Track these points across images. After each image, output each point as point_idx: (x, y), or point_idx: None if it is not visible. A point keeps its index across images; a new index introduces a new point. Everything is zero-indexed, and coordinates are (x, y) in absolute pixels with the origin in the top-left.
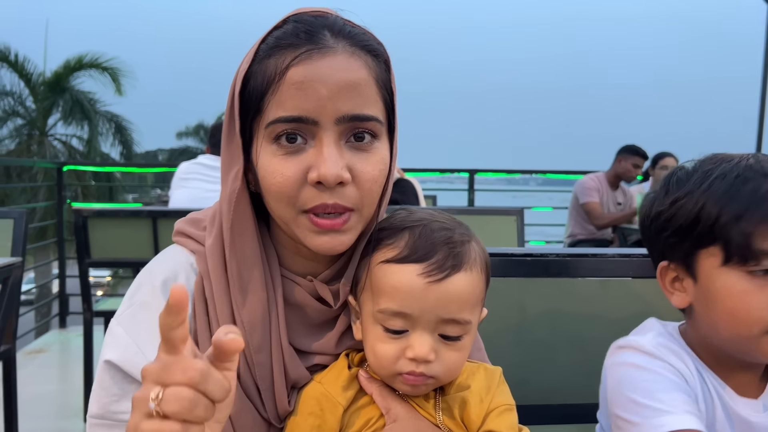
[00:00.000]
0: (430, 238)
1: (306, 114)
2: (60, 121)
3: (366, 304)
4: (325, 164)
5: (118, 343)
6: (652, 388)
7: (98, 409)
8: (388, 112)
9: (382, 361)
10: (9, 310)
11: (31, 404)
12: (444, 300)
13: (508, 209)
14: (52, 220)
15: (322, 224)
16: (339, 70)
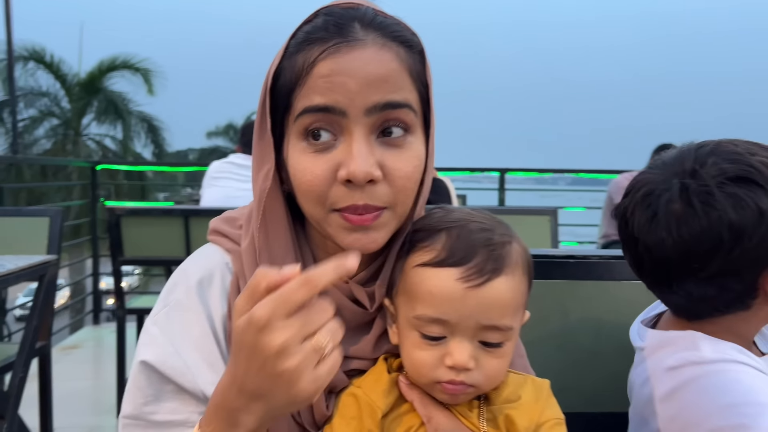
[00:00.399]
0: (468, 239)
1: (334, 103)
2: (94, 121)
3: (402, 308)
4: (355, 161)
5: (155, 343)
6: (744, 388)
7: (132, 410)
8: (423, 105)
9: (420, 368)
10: (45, 307)
11: (65, 400)
12: (484, 306)
13: (542, 209)
14: (86, 218)
15: (353, 220)
16: (368, 62)
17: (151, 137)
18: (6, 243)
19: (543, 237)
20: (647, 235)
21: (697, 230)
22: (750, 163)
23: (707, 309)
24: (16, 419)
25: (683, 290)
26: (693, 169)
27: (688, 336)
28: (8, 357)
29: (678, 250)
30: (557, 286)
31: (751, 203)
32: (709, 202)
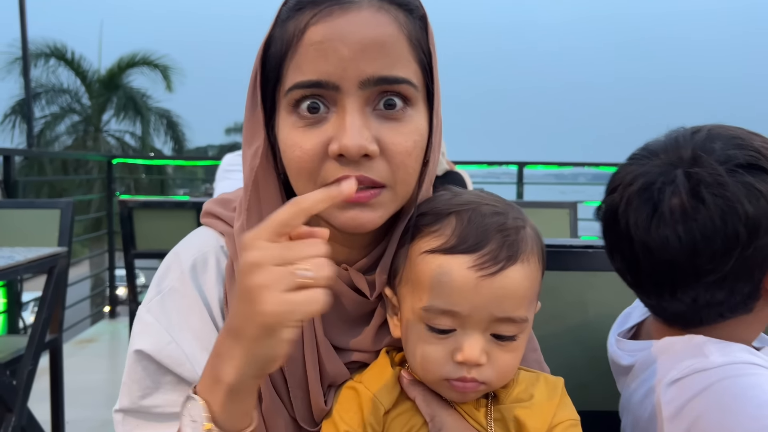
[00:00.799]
0: (481, 224)
1: (326, 77)
2: (114, 117)
3: (406, 298)
4: (347, 134)
5: (150, 331)
6: (764, 392)
7: (129, 403)
8: (426, 75)
9: (427, 364)
10: (54, 300)
11: (80, 393)
12: (499, 296)
13: (561, 203)
14: (103, 212)
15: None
16: (363, 26)
17: (170, 134)
18: (18, 235)
19: (562, 231)
20: (647, 235)
21: (710, 226)
22: (756, 147)
23: (711, 315)
24: (25, 412)
25: (688, 296)
26: (695, 156)
27: (689, 341)
28: (19, 350)
29: (686, 251)
30: (575, 278)
31: (765, 192)
32: (722, 193)
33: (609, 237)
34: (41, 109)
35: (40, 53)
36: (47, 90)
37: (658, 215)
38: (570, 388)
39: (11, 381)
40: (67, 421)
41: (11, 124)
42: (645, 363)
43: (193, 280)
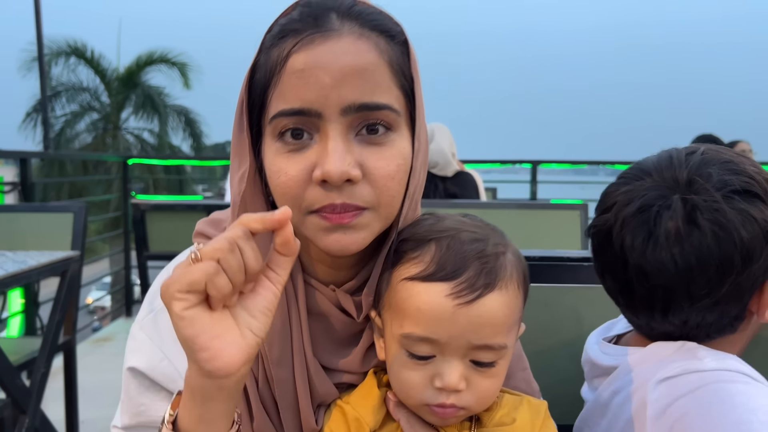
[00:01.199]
0: (459, 251)
1: (308, 105)
2: (132, 115)
3: (388, 324)
4: (330, 160)
5: (142, 349)
6: (752, 403)
7: (128, 420)
8: (408, 99)
9: (407, 389)
10: (67, 302)
11: (95, 392)
12: (476, 324)
13: (571, 204)
14: (118, 212)
15: (331, 218)
16: (343, 54)
17: (188, 130)
18: (32, 238)
19: (573, 233)
20: (642, 258)
21: (705, 251)
22: (749, 173)
23: (699, 336)
24: (38, 414)
25: (678, 319)
26: (690, 180)
27: (681, 345)
28: (34, 351)
29: (681, 275)
30: (570, 291)
31: (759, 219)
32: (717, 220)
33: (601, 257)
34: (62, 107)
35: (61, 52)
36: (67, 88)
37: (654, 239)
38: (565, 402)
39: (24, 384)
40: (82, 421)
41: (33, 123)
42: (631, 364)
43: None
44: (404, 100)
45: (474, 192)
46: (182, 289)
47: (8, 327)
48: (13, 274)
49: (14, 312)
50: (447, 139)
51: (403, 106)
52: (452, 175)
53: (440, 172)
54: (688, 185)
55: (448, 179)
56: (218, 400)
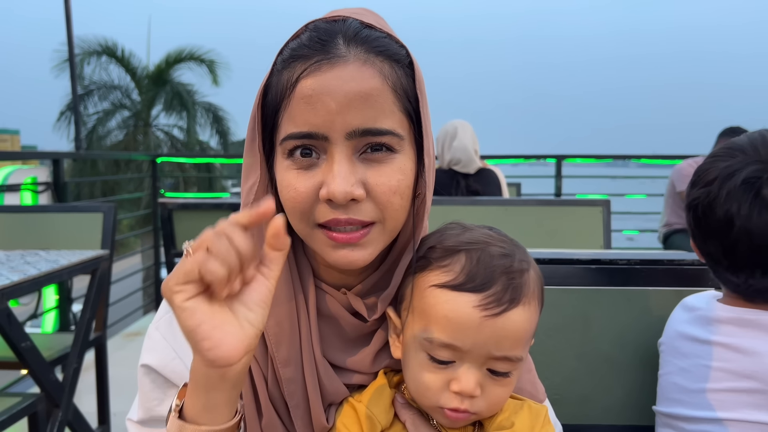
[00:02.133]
0: (488, 265)
1: (315, 129)
2: (162, 112)
3: (411, 326)
4: (335, 182)
5: (156, 347)
6: None
7: (143, 414)
8: (412, 120)
9: (425, 391)
10: (98, 300)
11: (126, 385)
12: (499, 336)
13: (594, 199)
14: (149, 209)
15: (338, 238)
16: (348, 80)
17: (216, 127)
18: (63, 237)
19: (595, 229)
20: (749, 222)
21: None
22: None
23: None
24: (71, 408)
25: (760, 270)
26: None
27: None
28: (66, 347)
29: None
30: (578, 293)
31: None
32: None
33: (704, 225)
34: (94, 105)
35: (93, 51)
36: (99, 87)
37: (759, 203)
38: (571, 402)
39: (58, 378)
40: (113, 413)
41: (67, 121)
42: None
43: None
44: (407, 122)
45: (496, 189)
46: (179, 281)
47: (43, 323)
48: (47, 273)
49: (48, 308)
50: (470, 136)
51: (406, 128)
52: (475, 172)
53: (463, 169)
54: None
55: (471, 176)
56: (221, 389)
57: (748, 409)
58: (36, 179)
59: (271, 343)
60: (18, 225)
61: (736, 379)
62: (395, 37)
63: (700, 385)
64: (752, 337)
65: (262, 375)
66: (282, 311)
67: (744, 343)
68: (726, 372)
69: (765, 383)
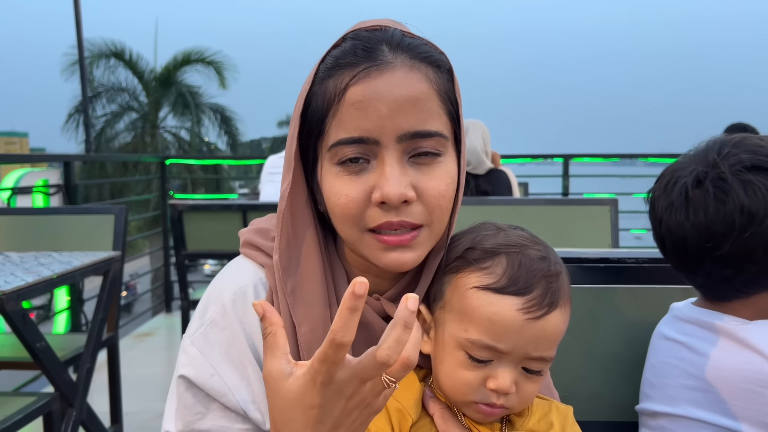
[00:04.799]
0: (530, 268)
1: (367, 134)
2: (170, 114)
3: (448, 324)
4: (388, 184)
5: (194, 363)
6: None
7: (183, 427)
8: (453, 123)
9: (461, 387)
10: (110, 301)
11: (138, 385)
12: (538, 338)
13: (601, 199)
14: (159, 211)
15: (389, 241)
16: (398, 86)
17: (224, 128)
18: (76, 239)
19: (603, 228)
20: (669, 218)
21: (712, 213)
22: (766, 153)
23: (729, 290)
24: (84, 407)
25: (703, 270)
26: (714, 159)
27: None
28: (79, 347)
29: (694, 232)
30: (587, 291)
31: (763, 189)
32: (723, 188)
33: (649, 217)
34: (102, 107)
35: (101, 54)
36: (107, 89)
37: (677, 204)
38: (582, 399)
39: (71, 378)
40: (126, 413)
41: (75, 123)
42: (736, 330)
43: (234, 313)
44: (450, 125)
45: (507, 189)
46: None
47: (55, 323)
48: (60, 274)
49: (60, 309)
50: (480, 137)
51: (450, 131)
52: (485, 173)
53: (473, 171)
54: (712, 163)
55: (481, 177)
56: None
57: (691, 406)
58: (47, 182)
59: (303, 351)
60: (31, 227)
61: (686, 377)
62: (435, 45)
63: (660, 380)
64: (703, 338)
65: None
66: (316, 317)
67: (697, 344)
68: (679, 369)
69: (705, 383)
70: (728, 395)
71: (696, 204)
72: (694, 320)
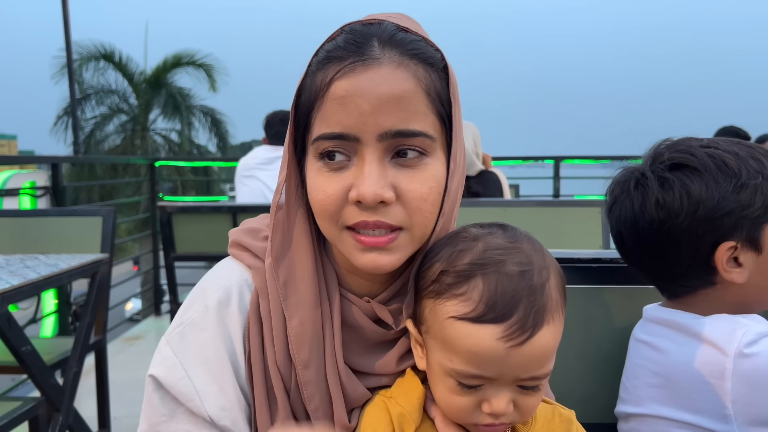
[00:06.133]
0: (507, 290)
1: (347, 130)
2: (160, 116)
3: (436, 353)
4: (365, 183)
5: (165, 364)
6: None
7: (148, 428)
8: (444, 124)
9: (456, 412)
10: (97, 303)
11: (126, 389)
12: (526, 362)
13: (592, 200)
14: (148, 213)
15: (365, 241)
16: (382, 83)
17: (215, 131)
18: (63, 241)
19: (594, 229)
20: (610, 216)
21: (635, 208)
22: (693, 153)
23: (674, 285)
24: (71, 412)
25: (643, 264)
26: (646, 161)
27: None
28: (66, 351)
29: (625, 227)
30: (580, 292)
31: (678, 184)
32: (644, 185)
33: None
34: (92, 109)
35: (91, 56)
36: (97, 91)
37: (614, 205)
38: (575, 401)
39: (58, 382)
40: (114, 417)
41: (64, 125)
42: (697, 328)
43: (217, 315)
44: (440, 125)
45: (497, 191)
46: None
47: (42, 327)
48: (46, 277)
49: (48, 312)
50: (471, 139)
51: (438, 131)
52: (476, 174)
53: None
54: (644, 164)
55: (471, 178)
56: None
57: (656, 404)
58: (35, 183)
59: (293, 345)
60: (17, 229)
61: (651, 376)
62: (430, 41)
63: (631, 382)
64: (665, 336)
65: (282, 381)
66: (307, 314)
67: (660, 342)
68: (644, 369)
69: (668, 379)
70: (689, 390)
71: (625, 202)
72: (658, 319)
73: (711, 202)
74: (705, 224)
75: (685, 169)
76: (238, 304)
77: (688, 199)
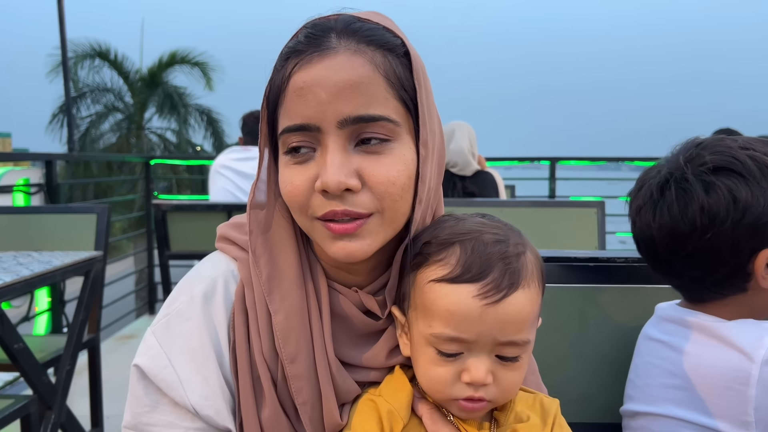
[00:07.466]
0: (483, 253)
1: (308, 121)
2: (156, 114)
3: (416, 323)
4: (327, 171)
5: (150, 353)
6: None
7: (131, 419)
8: (409, 110)
9: (437, 385)
10: (91, 301)
11: (120, 388)
12: (502, 322)
13: (588, 201)
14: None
15: (335, 229)
16: (338, 70)
17: (210, 130)
18: (57, 238)
19: (589, 230)
20: (639, 220)
21: (675, 214)
22: (735, 155)
23: (704, 291)
24: (64, 410)
25: (674, 271)
26: (681, 161)
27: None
28: (59, 349)
29: (661, 233)
30: (576, 291)
31: (724, 189)
32: (686, 189)
33: (629, 219)
34: (87, 107)
35: (86, 54)
36: (92, 89)
37: (645, 207)
38: (571, 401)
39: (51, 380)
40: (107, 416)
41: (59, 123)
42: (717, 329)
43: (203, 305)
44: (404, 111)
45: (493, 191)
46: None
47: (35, 325)
48: (39, 274)
49: (41, 310)
50: (467, 138)
51: (403, 117)
52: (471, 174)
53: (459, 172)
54: (679, 165)
55: (467, 178)
56: None
57: (672, 405)
58: (29, 180)
59: (279, 339)
60: (11, 226)
61: (667, 376)
62: (391, 29)
63: (643, 380)
64: (684, 337)
65: (269, 372)
66: (292, 306)
67: (678, 342)
68: (661, 369)
69: (686, 381)
70: (708, 393)
71: (661, 205)
72: (676, 319)
73: (757, 209)
74: (749, 231)
75: (728, 173)
76: (223, 295)
77: (734, 205)
